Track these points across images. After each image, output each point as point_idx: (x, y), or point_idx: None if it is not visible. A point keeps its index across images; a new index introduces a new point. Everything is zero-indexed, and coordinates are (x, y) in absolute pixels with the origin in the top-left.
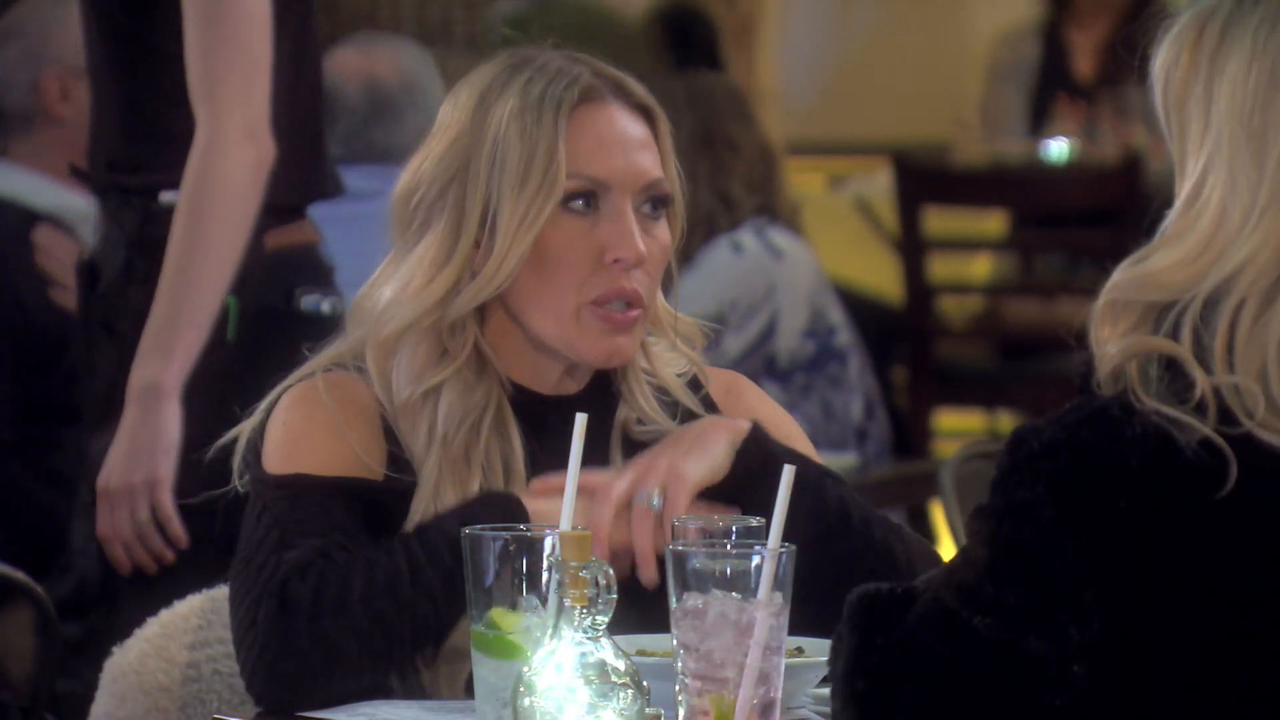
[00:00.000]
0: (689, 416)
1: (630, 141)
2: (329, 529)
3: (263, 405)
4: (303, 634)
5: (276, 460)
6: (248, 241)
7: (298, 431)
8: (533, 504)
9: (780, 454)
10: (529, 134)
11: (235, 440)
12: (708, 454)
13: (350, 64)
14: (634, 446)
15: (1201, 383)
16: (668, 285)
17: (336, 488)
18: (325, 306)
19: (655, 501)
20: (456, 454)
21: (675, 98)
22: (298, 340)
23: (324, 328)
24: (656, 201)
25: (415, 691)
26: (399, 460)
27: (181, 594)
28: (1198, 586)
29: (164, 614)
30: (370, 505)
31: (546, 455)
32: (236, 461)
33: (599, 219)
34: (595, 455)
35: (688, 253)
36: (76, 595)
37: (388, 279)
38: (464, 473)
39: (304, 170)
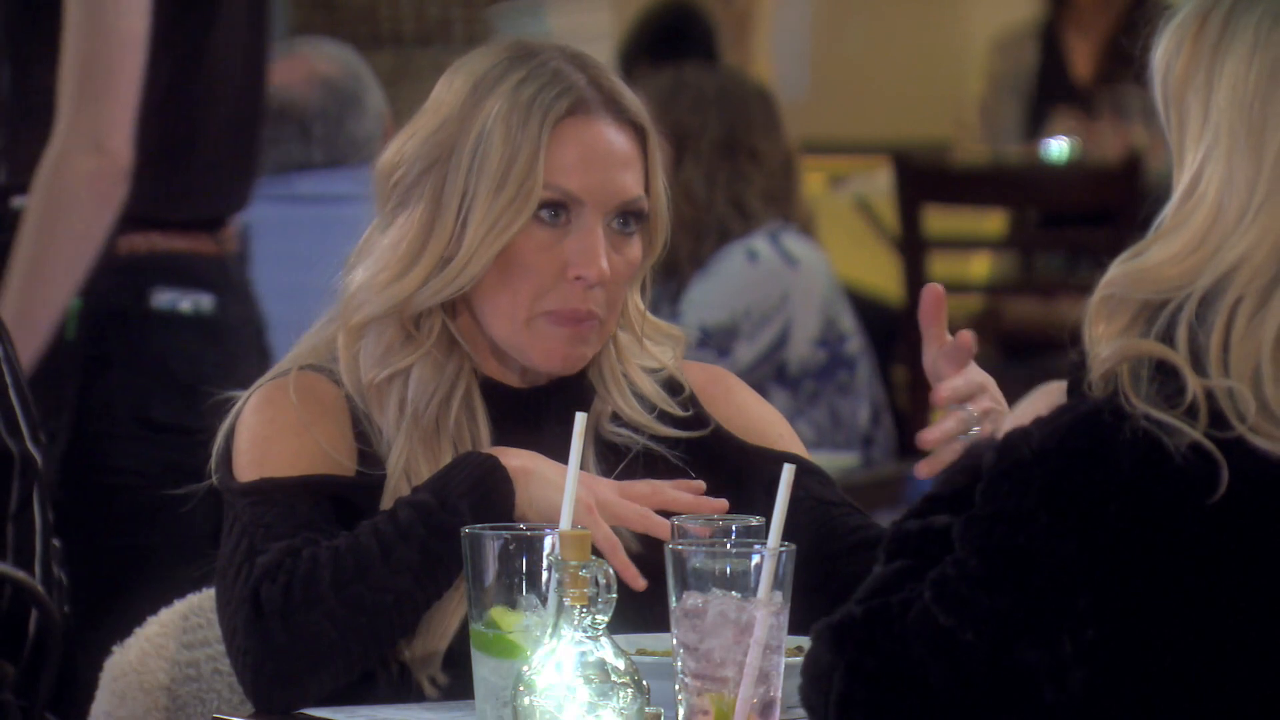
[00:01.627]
0: (665, 417)
1: (613, 158)
2: (297, 527)
3: (235, 406)
4: (279, 632)
5: (243, 466)
6: (97, 250)
7: (262, 435)
8: (510, 460)
9: None
10: (513, 138)
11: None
12: None
13: (294, 72)
14: (607, 445)
15: (1193, 386)
16: (646, 290)
17: (302, 486)
18: (185, 305)
19: None
20: (428, 428)
21: (706, 96)
22: (149, 338)
23: (182, 327)
24: (629, 217)
25: (399, 686)
26: (369, 457)
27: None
28: (1190, 591)
29: (164, 613)
30: (340, 501)
31: (513, 445)
32: (212, 461)
33: (567, 232)
34: (567, 452)
35: (700, 259)
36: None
37: (363, 257)
38: (435, 447)
39: (168, 183)
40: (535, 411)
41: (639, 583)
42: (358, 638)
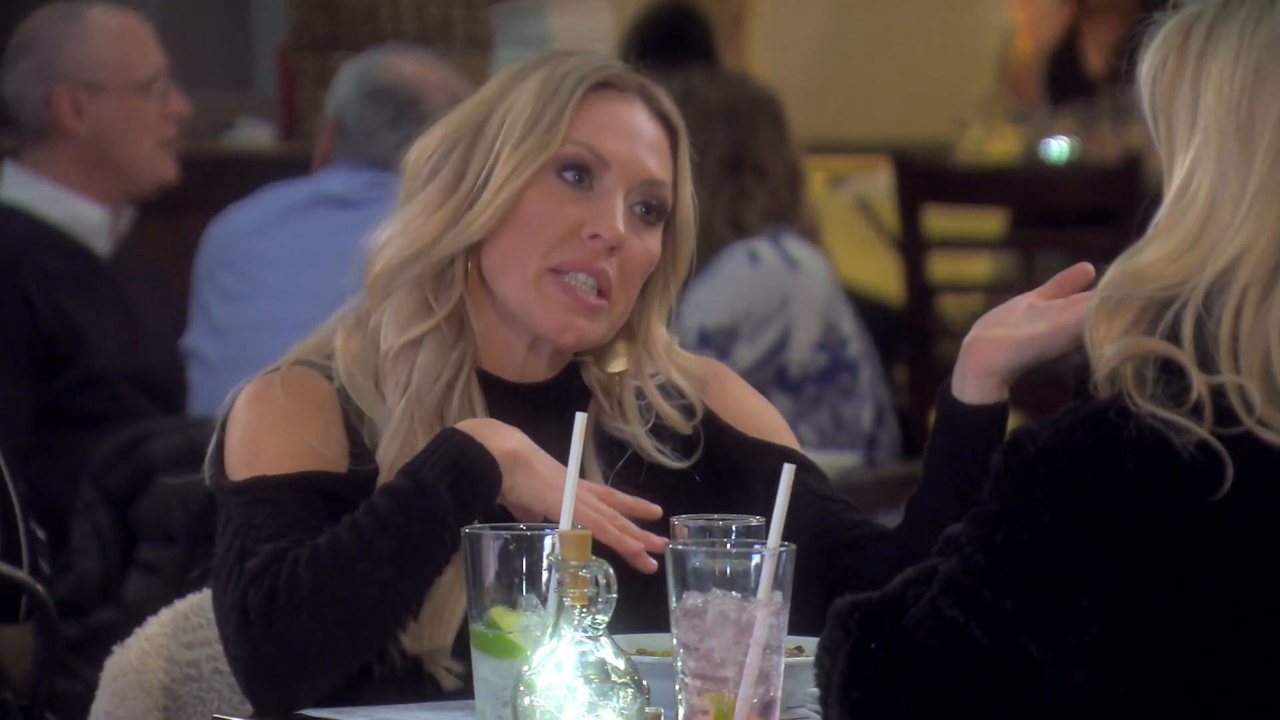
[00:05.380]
0: (660, 432)
1: (641, 135)
2: (286, 528)
3: (224, 404)
4: (265, 640)
5: (235, 465)
6: None
7: (252, 432)
8: (501, 442)
9: None
10: (541, 100)
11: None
12: None
13: (429, 77)
14: (608, 441)
15: (1198, 384)
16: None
17: (292, 484)
18: None
19: None
20: (429, 410)
21: (713, 110)
22: None
23: None
24: (652, 207)
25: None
26: (360, 455)
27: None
28: (1195, 589)
29: (164, 613)
30: (332, 498)
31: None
32: (206, 459)
33: (589, 196)
34: (566, 448)
35: (700, 259)
36: (76, 595)
37: (388, 225)
38: (435, 428)
39: None
40: (529, 407)
41: (648, 565)
42: (346, 635)
